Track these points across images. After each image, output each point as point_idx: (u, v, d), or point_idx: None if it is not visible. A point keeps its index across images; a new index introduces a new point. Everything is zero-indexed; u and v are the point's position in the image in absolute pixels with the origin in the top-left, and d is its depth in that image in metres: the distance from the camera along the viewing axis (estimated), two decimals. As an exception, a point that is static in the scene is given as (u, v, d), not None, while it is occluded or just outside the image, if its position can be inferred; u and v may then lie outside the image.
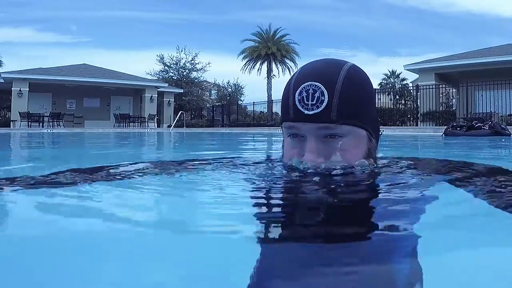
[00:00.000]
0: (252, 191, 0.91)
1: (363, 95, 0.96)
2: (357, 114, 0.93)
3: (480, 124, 7.29)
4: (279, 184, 0.97)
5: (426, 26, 73.92)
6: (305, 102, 0.90)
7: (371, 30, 70.33)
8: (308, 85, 0.91)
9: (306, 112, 0.90)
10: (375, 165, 1.02)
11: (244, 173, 1.09)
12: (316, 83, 0.90)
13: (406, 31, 76.01)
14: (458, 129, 7.49)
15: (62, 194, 0.90)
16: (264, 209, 0.82)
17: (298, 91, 0.92)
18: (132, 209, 0.81)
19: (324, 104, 0.89)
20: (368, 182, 0.92)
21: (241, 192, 0.90)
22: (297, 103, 0.91)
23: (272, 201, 0.89)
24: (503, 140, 5.53)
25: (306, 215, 0.75)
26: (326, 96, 0.89)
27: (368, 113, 0.97)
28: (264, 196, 0.91)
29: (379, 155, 1.11)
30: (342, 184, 0.88)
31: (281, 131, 1.03)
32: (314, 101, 0.90)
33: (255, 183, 0.99)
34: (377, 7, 64.30)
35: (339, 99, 0.90)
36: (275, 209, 0.83)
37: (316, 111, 0.89)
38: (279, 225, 0.69)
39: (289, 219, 0.74)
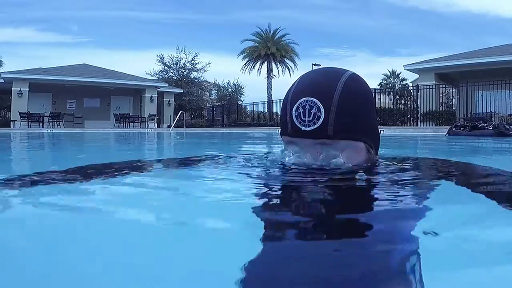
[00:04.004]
0: (255, 187, 0.91)
1: (361, 107, 0.94)
2: (355, 128, 0.92)
3: (483, 124, 7.29)
4: (280, 178, 0.97)
5: (426, 26, 74.00)
6: (302, 118, 0.90)
7: (371, 30, 70.40)
8: (304, 100, 0.91)
9: (303, 128, 0.90)
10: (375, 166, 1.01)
11: (245, 169, 1.09)
12: (313, 99, 0.90)
13: (406, 31, 76.11)
14: (461, 129, 7.50)
15: (63, 192, 0.90)
16: (265, 202, 0.82)
17: (295, 107, 0.92)
18: (133, 205, 0.80)
19: (321, 120, 0.89)
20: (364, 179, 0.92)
21: (243, 189, 0.89)
22: (294, 119, 0.92)
23: (273, 195, 0.89)
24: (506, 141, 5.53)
25: (303, 209, 0.75)
26: (323, 112, 0.89)
27: (366, 125, 0.96)
28: (266, 191, 0.90)
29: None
30: (340, 181, 0.87)
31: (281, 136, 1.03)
32: (311, 117, 0.89)
33: (258, 179, 0.98)
34: (377, 7, 64.38)
35: (336, 114, 0.89)
36: (275, 201, 0.83)
37: (313, 127, 0.89)
38: (281, 220, 0.69)
39: (290, 214, 0.73)
